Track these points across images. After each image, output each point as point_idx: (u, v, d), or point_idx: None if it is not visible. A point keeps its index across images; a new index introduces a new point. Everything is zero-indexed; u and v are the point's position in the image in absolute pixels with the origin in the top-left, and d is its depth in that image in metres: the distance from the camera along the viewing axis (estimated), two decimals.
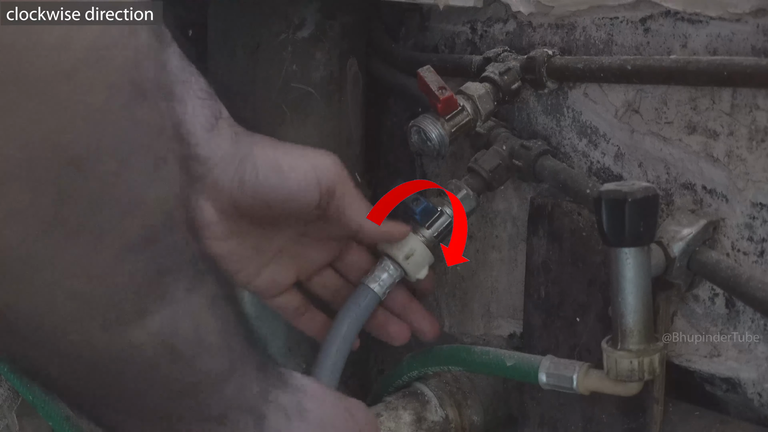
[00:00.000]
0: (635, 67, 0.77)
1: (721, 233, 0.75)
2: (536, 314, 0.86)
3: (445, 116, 0.86)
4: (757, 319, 0.74)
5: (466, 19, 0.96)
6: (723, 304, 0.76)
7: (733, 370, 0.76)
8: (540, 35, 0.88)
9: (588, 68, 0.81)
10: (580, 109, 0.85)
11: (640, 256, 0.70)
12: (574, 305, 0.82)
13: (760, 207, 0.73)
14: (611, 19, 0.82)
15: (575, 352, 0.82)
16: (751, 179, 0.73)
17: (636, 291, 0.71)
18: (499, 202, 0.94)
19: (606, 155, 0.83)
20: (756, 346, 0.75)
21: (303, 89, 0.98)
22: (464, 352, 0.87)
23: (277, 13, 0.97)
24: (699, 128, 0.76)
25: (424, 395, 0.92)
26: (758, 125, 0.72)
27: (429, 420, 0.91)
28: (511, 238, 0.93)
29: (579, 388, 0.76)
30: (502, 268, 0.95)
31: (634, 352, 0.72)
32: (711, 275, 0.74)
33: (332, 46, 0.99)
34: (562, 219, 0.83)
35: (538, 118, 0.89)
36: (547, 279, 0.85)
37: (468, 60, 0.92)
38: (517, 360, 0.81)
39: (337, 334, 0.84)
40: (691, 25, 0.76)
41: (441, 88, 0.85)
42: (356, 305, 0.84)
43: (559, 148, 0.87)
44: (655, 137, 0.79)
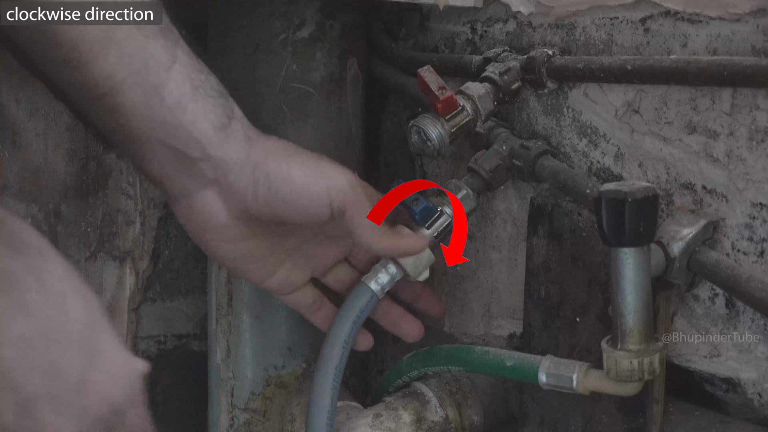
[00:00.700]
0: (635, 67, 0.77)
1: (721, 233, 0.75)
2: (536, 314, 0.86)
3: (445, 116, 0.86)
4: (757, 319, 0.74)
5: (466, 19, 0.96)
6: (723, 304, 0.76)
7: (733, 370, 0.76)
8: (540, 35, 0.88)
9: (588, 68, 0.81)
10: (580, 109, 0.85)
11: (640, 256, 0.70)
12: (574, 305, 0.82)
13: (760, 207, 0.73)
14: (611, 19, 0.82)
15: (575, 352, 0.82)
16: (751, 179, 0.73)
17: (636, 291, 0.71)
18: (499, 202, 0.94)
19: (606, 155, 0.83)
20: (756, 346, 0.75)
21: (303, 89, 0.98)
22: (464, 352, 0.87)
23: (277, 13, 0.97)
24: (699, 128, 0.76)
25: (424, 395, 0.92)
26: (758, 125, 0.72)
27: (429, 420, 0.91)
28: (511, 238, 0.93)
29: (579, 388, 0.76)
30: (502, 268, 0.95)
31: (634, 352, 0.72)
32: (711, 275, 0.74)
33: (332, 46, 0.99)
34: (562, 219, 0.83)
35: (538, 118, 0.89)
36: (547, 279, 0.85)
37: (468, 60, 0.92)
38: (517, 360, 0.81)
39: (337, 335, 0.84)
40: (691, 25, 0.76)
41: (441, 88, 0.85)
42: (355, 304, 0.84)
43: (559, 148, 0.87)
44: (655, 137, 0.79)
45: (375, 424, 0.89)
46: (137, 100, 0.73)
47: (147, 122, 0.74)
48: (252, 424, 1.05)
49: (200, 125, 0.76)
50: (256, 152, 0.78)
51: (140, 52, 0.72)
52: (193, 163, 0.77)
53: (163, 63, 0.73)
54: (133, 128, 0.74)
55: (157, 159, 0.77)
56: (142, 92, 0.73)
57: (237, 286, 1.03)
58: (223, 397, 1.06)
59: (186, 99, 0.75)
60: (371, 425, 0.89)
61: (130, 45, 0.71)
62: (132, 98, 0.73)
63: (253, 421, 1.05)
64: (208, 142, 0.76)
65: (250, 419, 1.05)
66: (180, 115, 0.74)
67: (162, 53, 0.73)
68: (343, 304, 0.85)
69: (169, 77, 0.73)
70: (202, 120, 0.76)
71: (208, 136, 0.76)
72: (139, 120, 0.74)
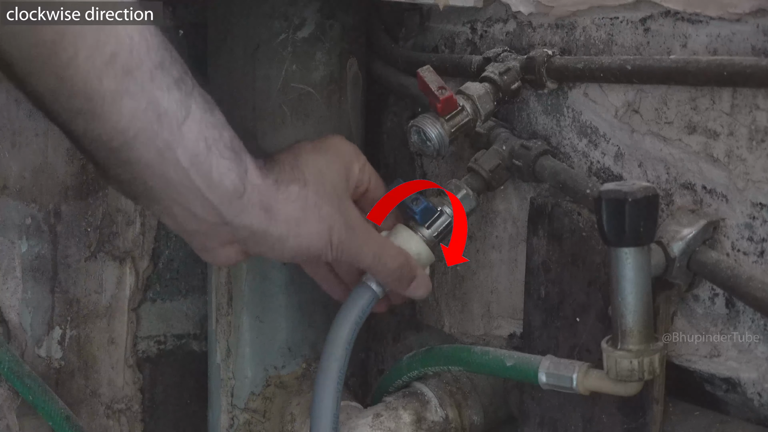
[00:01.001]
0: (635, 67, 0.77)
1: (721, 233, 0.75)
2: (536, 314, 0.86)
3: (445, 116, 0.86)
4: (757, 319, 0.74)
5: (466, 19, 0.96)
6: (723, 304, 0.76)
7: (733, 370, 0.76)
8: (540, 35, 0.88)
9: (588, 68, 0.81)
10: (580, 109, 0.85)
11: (640, 256, 0.70)
12: (574, 305, 0.82)
13: (760, 207, 0.73)
14: (611, 19, 0.82)
15: (575, 352, 0.82)
16: (751, 179, 0.73)
17: (636, 291, 0.71)
18: (499, 202, 0.94)
19: (606, 155, 0.83)
20: (756, 346, 0.75)
21: (303, 89, 0.98)
22: (464, 352, 0.87)
23: (277, 13, 0.97)
24: (699, 128, 0.76)
25: (424, 395, 0.92)
26: (758, 125, 0.72)
27: (429, 420, 0.91)
28: (511, 238, 0.93)
29: (579, 388, 0.76)
30: (502, 268, 0.95)
31: (634, 352, 0.72)
32: (711, 275, 0.74)
33: (332, 46, 0.99)
34: (562, 219, 0.83)
35: (538, 118, 0.89)
36: (547, 279, 0.85)
37: (468, 60, 0.92)
38: (517, 360, 0.81)
39: (337, 335, 0.84)
40: (691, 25, 0.76)
41: (441, 88, 0.85)
42: (356, 304, 0.84)
43: (559, 148, 0.87)
44: (655, 137, 0.79)
45: (375, 424, 0.89)
46: (150, 157, 0.71)
47: (162, 181, 0.72)
48: (252, 424, 1.05)
49: (216, 192, 0.74)
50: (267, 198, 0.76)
51: (154, 106, 0.69)
52: (212, 227, 0.76)
53: (176, 119, 0.71)
54: (148, 184, 0.72)
55: (175, 217, 0.75)
56: (155, 150, 0.71)
57: (237, 286, 1.03)
58: (223, 397, 1.06)
59: (200, 160, 0.72)
60: (371, 425, 0.89)
61: (144, 98, 0.70)
62: (146, 155, 0.71)
63: (253, 421, 1.05)
64: (225, 211, 0.74)
65: (250, 419, 1.05)
66: (195, 178, 0.72)
67: (175, 108, 0.71)
68: (344, 304, 0.85)
69: (181, 135, 0.71)
70: (217, 186, 0.73)
71: (224, 204, 0.74)
72: (154, 177, 0.72)
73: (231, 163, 0.74)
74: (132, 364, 1.14)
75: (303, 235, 0.79)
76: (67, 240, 1.08)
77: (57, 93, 0.68)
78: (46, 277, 1.07)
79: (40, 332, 1.08)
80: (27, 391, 1.03)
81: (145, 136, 0.70)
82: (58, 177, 1.06)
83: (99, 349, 1.11)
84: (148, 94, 0.69)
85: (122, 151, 0.70)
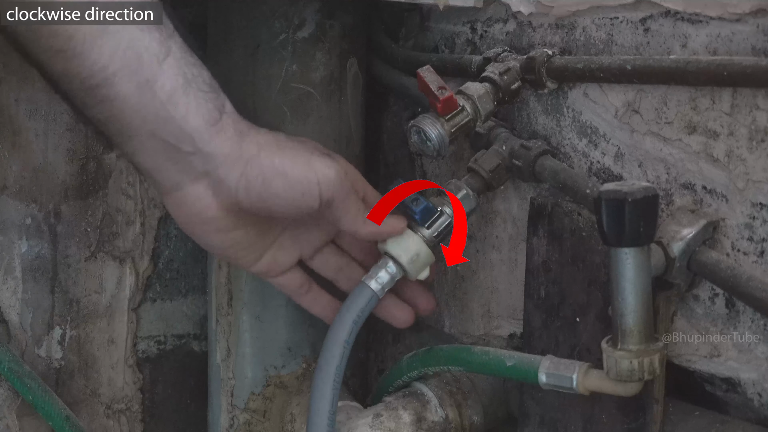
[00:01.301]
0: (635, 67, 0.77)
1: (721, 233, 0.75)
2: (536, 314, 0.86)
3: (445, 116, 0.86)
4: (757, 319, 0.74)
5: (466, 19, 0.96)
6: (723, 304, 0.76)
7: (733, 370, 0.76)
8: (540, 35, 0.88)
9: (588, 68, 0.81)
10: (580, 109, 0.85)
11: (640, 256, 0.70)
12: (574, 305, 0.82)
13: (760, 207, 0.73)
14: (611, 19, 0.82)
15: (575, 352, 0.82)
16: (751, 179, 0.73)
17: (636, 291, 0.71)
18: (499, 202, 0.94)
19: (606, 155, 0.83)
20: (756, 346, 0.75)
21: (303, 89, 0.98)
22: (464, 352, 0.87)
23: (277, 13, 0.97)
24: (699, 128, 0.76)
25: (424, 395, 0.92)
26: (758, 125, 0.72)
27: (429, 420, 0.91)
28: (511, 238, 0.93)
29: (579, 388, 0.76)
30: (502, 268, 0.95)
31: (634, 352, 0.72)
32: (711, 275, 0.74)
33: (332, 46, 0.99)
34: (562, 219, 0.83)
35: (538, 118, 0.89)
36: (547, 279, 0.85)
37: (468, 60, 0.92)
38: (517, 360, 0.81)
39: (336, 334, 0.84)
40: (691, 25, 0.76)
41: (441, 88, 0.85)
42: (355, 305, 0.84)
43: (559, 148, 0.87)
44: (655, 137, 0.79)
45: (375, 424, 0.89)
46: (130, 92, 0.73)
47: (139, 115, 0.75)
48: (252, 424, 1.05)
49: (191, 120, 0.76)
50: (248, 147, 0.79)
51: (134, 44, 0.72)
52: (184, 156, 0.78)
53: (156, 56, 0.74)
54: (125, 120, 0.75)
55: (148, 151, 0.78)
56: (135, 85, 0.73)
57: (237, 286, 1.03)
58: (223, 397, 1.06)
59: (178, 93, 0.75)
60: (371, 425, 0.89)
61: (124, 37, 0.72)
62: (125, 90, 0.73)
63: (253, 422, 1.05)
64: (199, 137, 0.77)
65: (250, 419, 1.05)
66: (172, 109, 0.75)
67: (156, 46, 0.74)
68: (344, 303, 0.86)
69: (161, 71, 0.74)
70: (194, 114, 0.76)
71: (199, 131, 0.77)
72: (131, 112, 0.75)
73: (209, 95, 0.77)
74: (132, 364, 1.14)
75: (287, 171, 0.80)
76: (67, 240, 1.08)
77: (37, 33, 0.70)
78: (46, 277, 1.07)
79: (40, 332, 1.08)
80: (27, 391, 1.03)
81: (125, 73, 0.73)
82: (58, 177, 1.06)
83: (99, 349, 1.11)
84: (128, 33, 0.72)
85: (101, 88, 0.73)
